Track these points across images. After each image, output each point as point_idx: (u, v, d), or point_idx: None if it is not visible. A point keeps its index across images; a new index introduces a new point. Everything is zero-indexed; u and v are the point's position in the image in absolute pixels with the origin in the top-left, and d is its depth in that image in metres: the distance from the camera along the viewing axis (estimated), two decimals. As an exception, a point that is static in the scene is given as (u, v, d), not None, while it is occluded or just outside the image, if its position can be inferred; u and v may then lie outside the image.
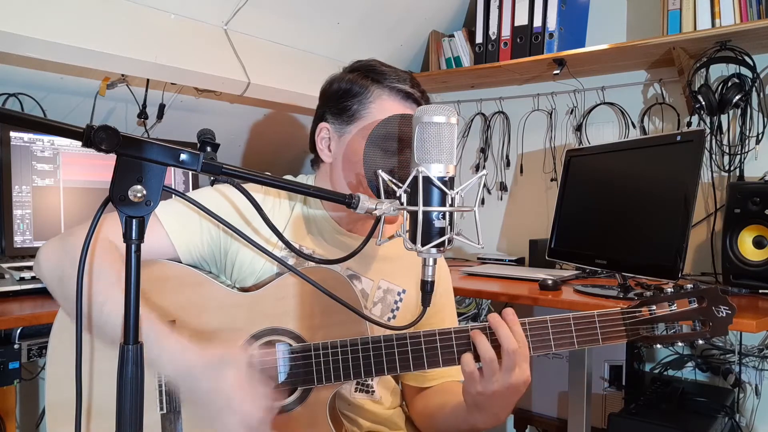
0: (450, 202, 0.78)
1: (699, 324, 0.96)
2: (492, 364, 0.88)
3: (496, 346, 0.90)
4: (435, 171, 0.77)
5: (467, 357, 0.91)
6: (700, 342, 0.96)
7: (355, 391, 1.10)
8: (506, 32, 2.27)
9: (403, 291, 1.13)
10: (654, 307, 0.96)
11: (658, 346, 0.96)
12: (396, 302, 1.12)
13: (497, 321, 0.91)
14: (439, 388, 1.15)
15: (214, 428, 0.84)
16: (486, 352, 0.89)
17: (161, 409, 0.94)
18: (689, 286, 0.97)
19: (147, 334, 0.84)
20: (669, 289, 0.97)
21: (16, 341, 1.31)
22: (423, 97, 1.06)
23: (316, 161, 1.13)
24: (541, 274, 1.89)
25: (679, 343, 0.96)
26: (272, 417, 0.86)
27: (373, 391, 1.12)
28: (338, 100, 1.06)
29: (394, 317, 1.12)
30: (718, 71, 2.00)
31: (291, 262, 1.05)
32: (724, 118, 1.99)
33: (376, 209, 0.80)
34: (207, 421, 0.85)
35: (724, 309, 0.94)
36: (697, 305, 0.96)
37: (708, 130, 1.99)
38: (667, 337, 0.95)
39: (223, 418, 0.83)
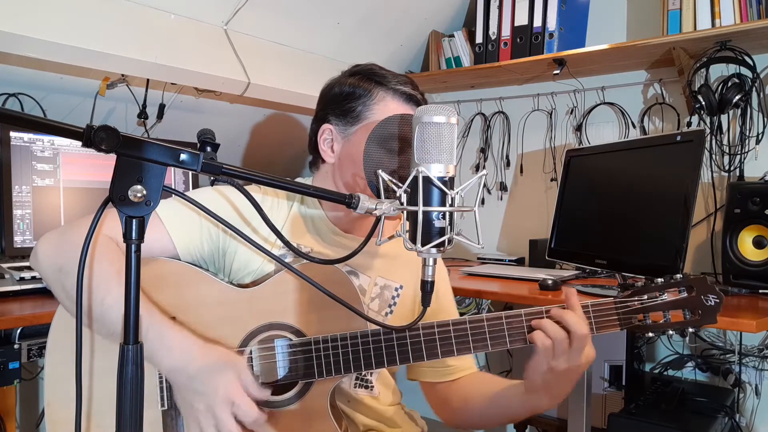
0: (450, 202, 0.78)
1: (689, 313, 0.99)
2: (563, 343, 0.91)
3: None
4: (435, 171, 0.77)
5: (539, 334, 0.93)
6: (691, 330, 0.98)
7: (355, 386, 1.11)
8: (506, 32, 2.27)
9: (400, 287, 1.14)
10: (645, 297, 0.99)
11: (651, 334, 0.99)
12: (393, 298, 1.13)
13: (573, 300, 0.94)
14: (473, 379, 1.16)
15: (199, 426, 0.87)
16: (557, 332, 0.91)
17: (162, 405, 0.95)
18: (679, 276, 0.99)
19: (147, 329, 0.86)
20: (659, 280, 1.00)
21: (16, 341, 1.31)
22: (423, 99, 1.10)
23: (315, 162, 1.14)
24: (541, 274, 1.89)
25: (671, 332, 0.99)
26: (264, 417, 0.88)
27: (372, 387, 1.12)
28: (341, 102, 1.08)
29: (391, 312, 1.13)
30: (718, 71, 2.00)
31: (289, 260, 1.05)
32: (724, 118, 1.99)
33: (376, 209, 0.80)
34: (192, 418, 0.88)
35: (713, 298, 0.97)
36: (686, 294, 0.99)
37: (708, 130, 1.99)
38: (659, 325, 0.98)
39: (206, 417, 0.86)
